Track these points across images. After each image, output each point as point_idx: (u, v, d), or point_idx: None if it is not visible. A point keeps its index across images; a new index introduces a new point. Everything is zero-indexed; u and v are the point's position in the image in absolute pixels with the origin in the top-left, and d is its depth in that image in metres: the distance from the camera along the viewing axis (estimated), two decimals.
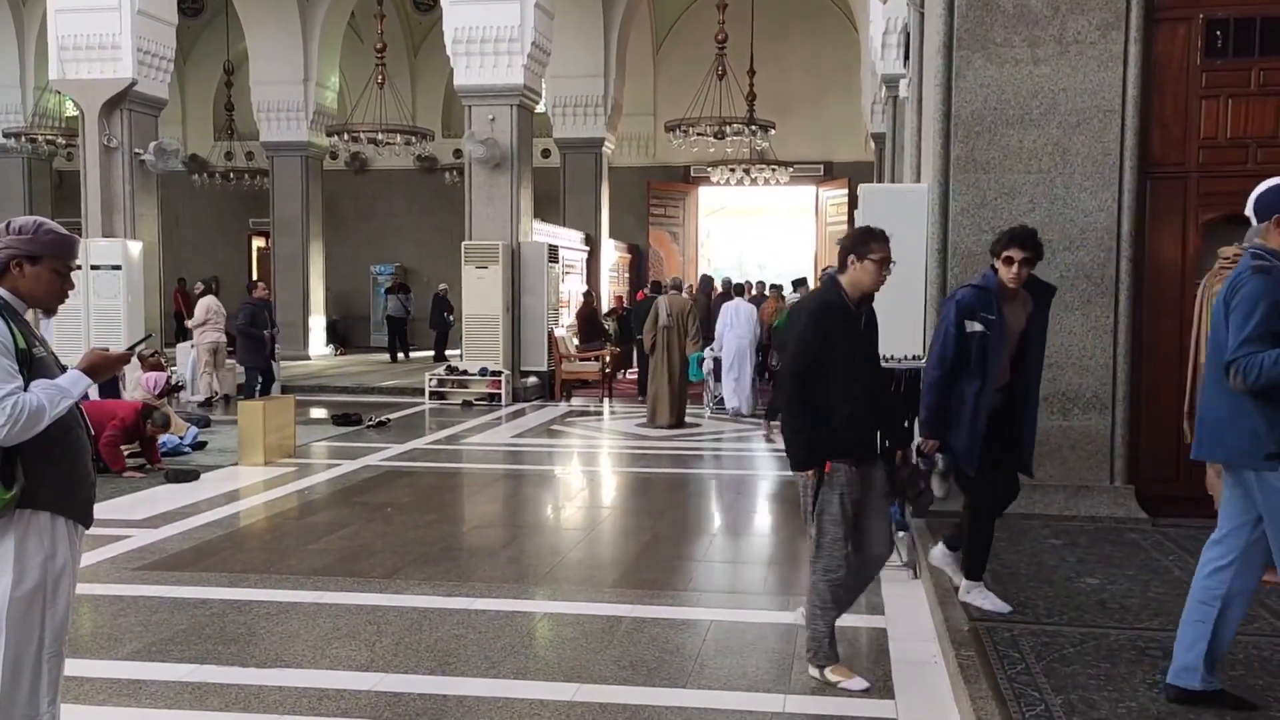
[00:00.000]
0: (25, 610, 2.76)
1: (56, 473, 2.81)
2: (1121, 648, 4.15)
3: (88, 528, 2.96)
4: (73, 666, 3.57)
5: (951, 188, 6.60)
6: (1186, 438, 5.52)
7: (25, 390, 2.70)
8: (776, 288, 17.08)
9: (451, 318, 18.92)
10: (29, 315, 2.90)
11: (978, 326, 4.47)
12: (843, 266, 4.19)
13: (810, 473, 4.10)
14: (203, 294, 14.71)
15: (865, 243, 4.13)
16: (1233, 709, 3.51)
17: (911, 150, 8.85)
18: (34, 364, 2.78)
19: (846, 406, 4.07)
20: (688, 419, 12.34)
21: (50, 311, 2.98)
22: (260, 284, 14.27)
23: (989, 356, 4.47)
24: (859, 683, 4.11)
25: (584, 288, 18.20)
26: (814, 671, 4.23)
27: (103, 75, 13.90)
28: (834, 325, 4.10)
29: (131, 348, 3.50)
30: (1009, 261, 4.47)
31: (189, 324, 14.08)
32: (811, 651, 4.25)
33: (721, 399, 13.28)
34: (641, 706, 3.92)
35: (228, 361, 14.05)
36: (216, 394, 13.55)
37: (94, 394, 9.10)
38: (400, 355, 20.81)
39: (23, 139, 19.84)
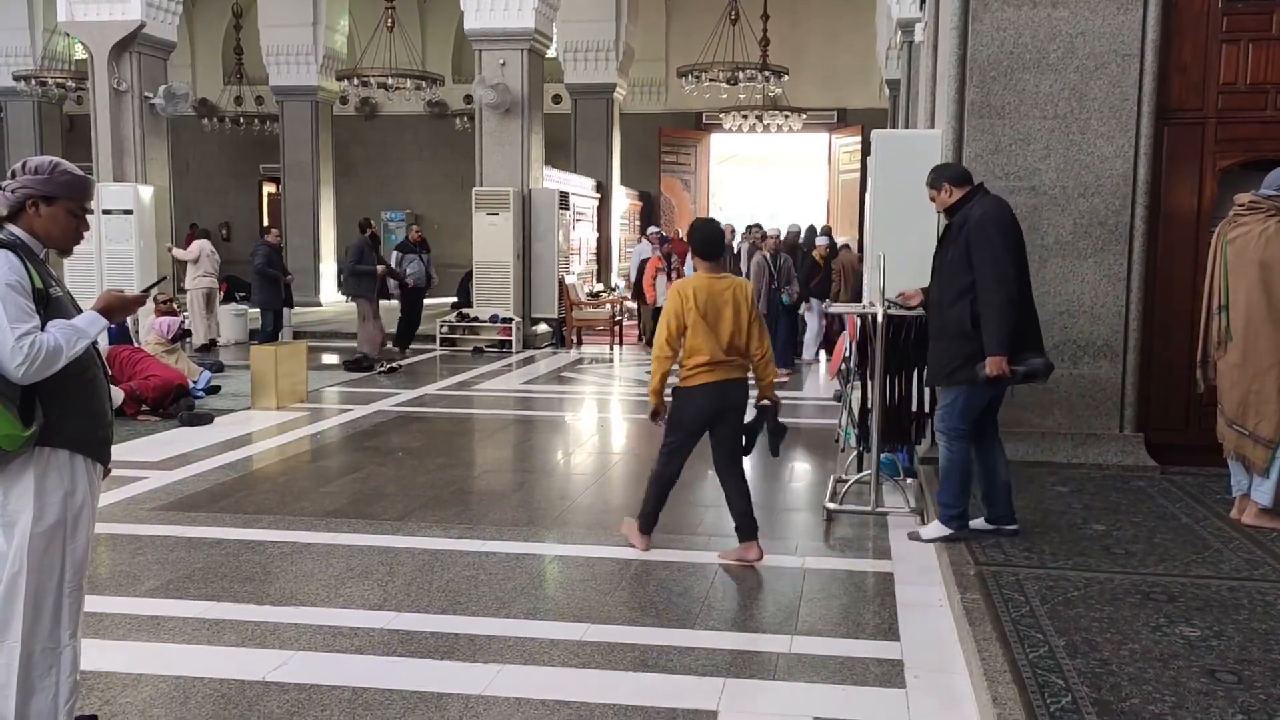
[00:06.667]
0: (46, 545, 2.82)
1: (75, 411, 2.85)
2: (1125, 592, 4.19)
3: (106, 465, 3.00)
4: (93, 603, 3.65)
5: (966, 133, 6.52)
6: (1198, 387, 5.54)
7: (42, 330, 2.73)
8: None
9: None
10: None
11: None
12: None
13: None
14: (195, 236, 14.70)
15: None
16: None
17: (926, 96, 8.74)
18: (50, 304, 2.81)
19: None
20: None
21: (66, 253, 3.00)
22: (274, 230, 14.52)
23: None
24: None
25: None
26: None
27: (111, 17, 13.79)
28: None
29: (146, 290, 3.52)
30: None
31: (179, 255, 13.90)
32: None
33: None
34: (650, 646, 3.98)
35: (229, 305, 14.10)
36: (217, 339, 13.61)
37: (103, 340, 9.18)
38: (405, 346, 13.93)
39: (32, 82, 19.74)
